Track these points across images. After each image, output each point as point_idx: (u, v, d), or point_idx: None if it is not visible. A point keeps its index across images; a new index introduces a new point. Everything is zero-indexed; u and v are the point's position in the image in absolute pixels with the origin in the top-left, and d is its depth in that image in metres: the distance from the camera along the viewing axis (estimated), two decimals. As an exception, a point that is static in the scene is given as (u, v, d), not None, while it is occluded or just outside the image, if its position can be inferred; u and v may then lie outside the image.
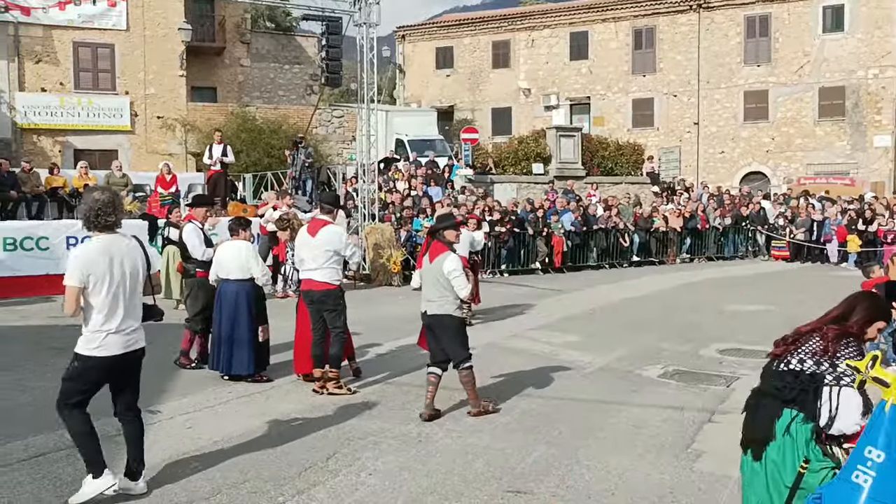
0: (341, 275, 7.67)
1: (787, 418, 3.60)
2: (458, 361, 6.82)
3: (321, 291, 7.46)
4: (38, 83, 23.92)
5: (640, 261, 21.51)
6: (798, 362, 3.67)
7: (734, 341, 10.49)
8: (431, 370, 6.91)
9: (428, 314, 6.87)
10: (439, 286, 6.76)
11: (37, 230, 14.13)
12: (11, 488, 5.10)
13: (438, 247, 6.87)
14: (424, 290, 6.94)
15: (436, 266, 6.79)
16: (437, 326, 6.84)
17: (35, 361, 8.88)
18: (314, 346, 7.62)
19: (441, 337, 6.85)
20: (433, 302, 6.82)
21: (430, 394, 6.82)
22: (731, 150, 33.60)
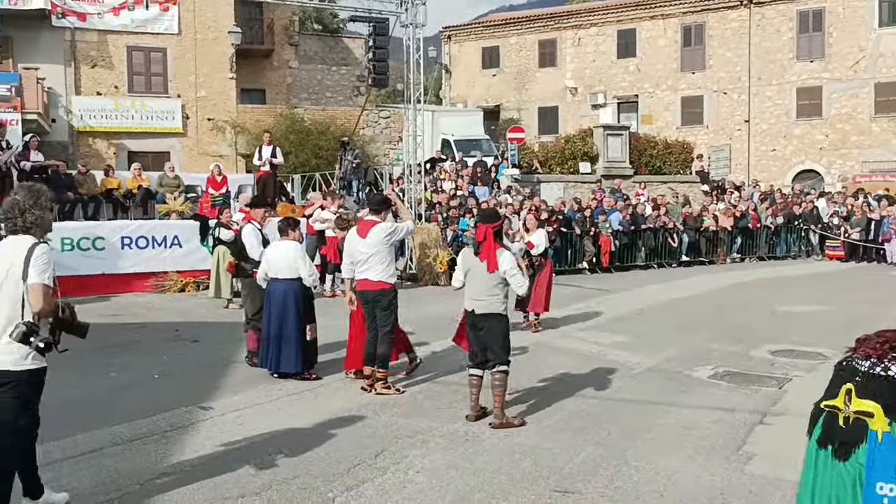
0: (396, 274, 7.69)
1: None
2: (496, 363, 6.63)
3: (376, 291, 7.50)
4: (94, 87, 24.55)
5: (690, 261, 21.23)
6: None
7: (787, 342, 10.29)
8: (473, 372, 6.78)
9: (476, 313, 6.69)
10: (490, 285, 6.62)
11: (93, 230, 14.51)
12: (69, 482, 5.24)
13: (490, 245, 6.63)
14: (472, 288, 6.74)
15: (484, 265, 6.60)
16: (483, 326, 6.67)
17: (93, 359, 9.08)
18: (368, 344, 7.68)
19: (486, 337, 6.67)
20: (481, 301, 6.65)
21: (474, 396, 6.75)
22: (783, 148, 32.96)
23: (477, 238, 6.78)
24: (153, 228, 14.95)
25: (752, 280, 17.73)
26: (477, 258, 6.68)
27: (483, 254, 6.63)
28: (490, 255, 6.58)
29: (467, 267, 6.81)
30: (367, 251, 7.50)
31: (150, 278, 14.56)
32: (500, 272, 6.56)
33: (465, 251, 7.07)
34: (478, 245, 6.71)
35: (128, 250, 14.52)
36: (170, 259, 14.79)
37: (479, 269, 6.66)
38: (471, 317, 6.75)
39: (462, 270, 6.90)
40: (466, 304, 6.80)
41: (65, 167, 17.97)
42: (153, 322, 11.72)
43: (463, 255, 7.04)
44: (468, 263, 6.81)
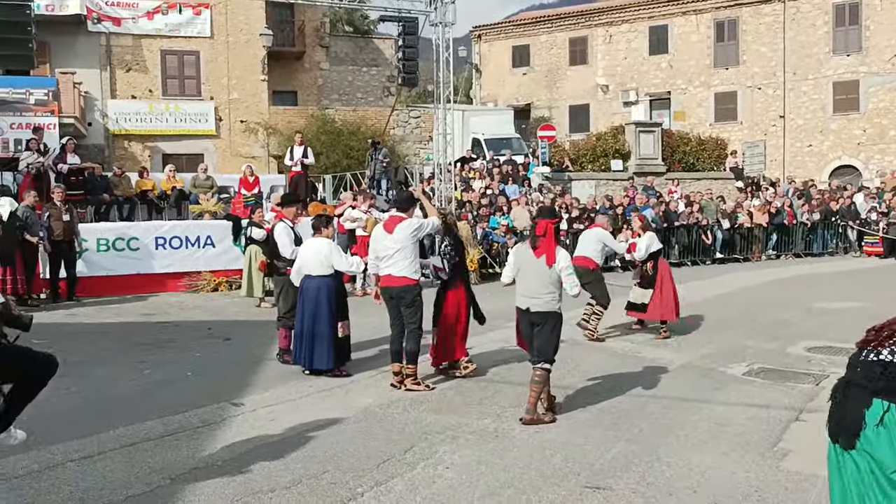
0: (419, 271, 7.68)
1: (878, 409, 3.44)
2: (542, 359, 6.56)
3: (400, 287, 7.49)
4: (129, 91, 24.90)
5: (724, 258, 20.96)
6: (889, 353, 3.50)
7: (824, 339, 10.11)
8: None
9: (531, 311, 6.57)
10: (546, 282, 6.55)
11: (128, 231, 14.70)
12: (104, 475, 5.30)
13: (550, 240, 6.57)
14: (525, 285, 6.62)
15: (543, 260, 6.51)
16: (539, 323, 6.57)
17: (128, 356, 9.23)
18: (393, 341, 7.68)
19: (539, 333, 6.57)
20: (538, 298, 6.53)
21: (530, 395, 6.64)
22: (819, 144, 32.40)
23: (537, 232, 6.66)
24: (187, 229, 15.10)
25: (788, 277, 17.45)
26: (532, 254, 6.58)
27: (541, 248, 6.55)
28: (549, 250, 6.51)
29: (520, 263, 6.69)
30: (394, 246, 7.49)
31: (184, 278, 14.71)
32: (556, 268, 6.48)
33: (519, 247, 6.98)
34: (536, 239, 6.62)
35: (162, 250, 14.69)
36: (203, 259, 14.93)
37: (534, 266, 6.56)
38: (526, 315, 6.64)
39: (514, 267, 6.78)
40: (520, 303, 6.67)
41: (101, 169, 18.24)
42: (186, 321, 11.85)
43: (516, 251, 6.95)
44: (521, 259, 6.70)
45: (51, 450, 5.79)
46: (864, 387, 3.50)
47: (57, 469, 5.42)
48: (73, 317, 12.14)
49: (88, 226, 14.69)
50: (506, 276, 6.97)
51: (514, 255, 6.93)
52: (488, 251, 17.00)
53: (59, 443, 5.94)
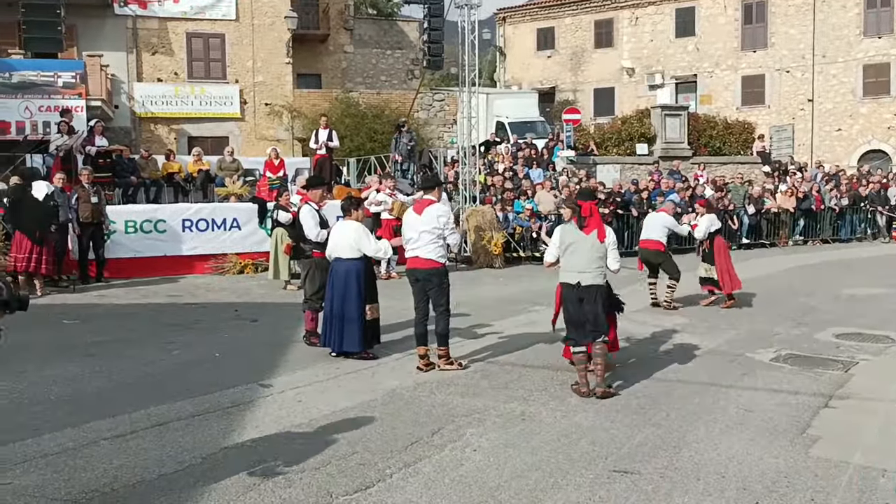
0: (447, 254, 7.69)
1: None
2: (599, 333, 6.88)
3: (426, 269, 7.52)
4: (155, 73, 25.06)
5: (750, 243, 20.79)
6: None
7: (853, 325, 10.02)
8: (579, 350, 6.90)
9: (582, 285, 6.86)
10: (595, 257, 6.88)
11: (155, 213, 14.84)
12: (136, 454, 5.38)
13: (598, 218, 6.98)
14: (575, 261, 6.91)
15: (594, 237, 6.89)
16: (589, 298, 6.87)
17: (156, 337, 9.34)
18: (417, 324, 7.73)
19: (590, 309, 6.86)
20: (587, 273, 6.87)
21: (583, 373, 6.85)
22: (848, 128, 31.93)
23: (583, 213, 6.99)
24: (213, 211, 15.21)
25: (815, 262, 17.29)
26: (581, 232, 6.93)
27: (591, 226, 6.93)
28: (599, 227, 6.96)
29: (568, 242, 6.98)
30: (422, 228, 7.52)
31: (210, 260, 14.84)
32: (606, 244, 6.90)
33: (565, 227, 7.19)
34: (583, 219, 6.97)
35: (188, 233, 14.81)
36: (229, 241, 15.04)
37: (584, 243, 6.90)
38: (575, 290, 6.91)
39: (560, 246, 7.04)
40: (569, 279, 6.95)
41: (128, 152, 18.42)
42: (213, 302, 11.95)
43: (562, 230, 7.15)
44: (569, 238, 6.99)
45: (84, 428, 5.88)
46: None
47: (91, 447, 5.50)
48: (103, 298, 12.29)
49: (116, 208, 14.85)
50: (551, 255, 7.23)
51: (559, 235, 7.13)
52: (512, 235, 16.98)
53: (91, 421, 6.03)
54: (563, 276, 7.03)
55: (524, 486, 4.92)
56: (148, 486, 4.87)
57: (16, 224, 12.30)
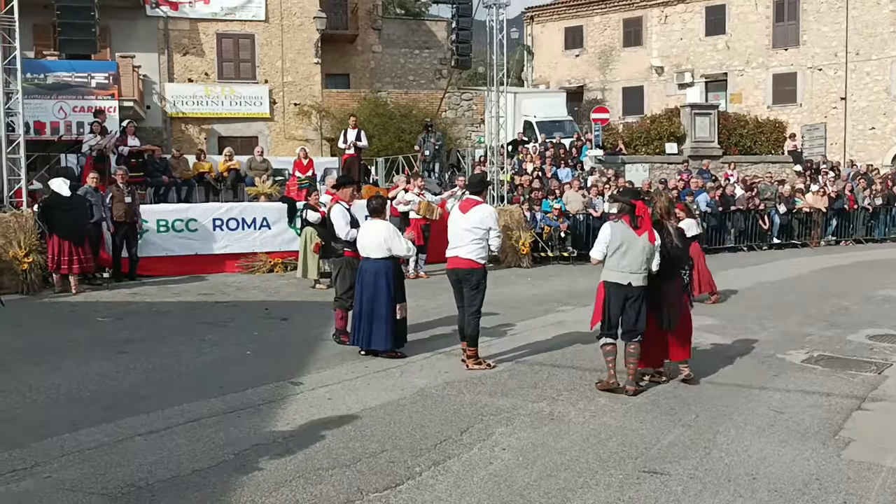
0: (487, 254, 7.72)
1: None
2: (640, 333, 6.93)
3: (466, 269, 7.59)
4: (186, 74, 25.32)
5: (781, 243, 20.58)
6: None
7: (886, 327, 9.90)
8: (609, 341, 7.00)
9: (633, 286, 6.83)
10: (645, 259, 6.82)
11: (186, 212, 15.00)
12: (170, 450, 5.46)
13: (648, 221, 6.89)
14: (627, 262, 6.83)
15: (645, 238, 6.82)
16: (636, 299, 6.87)
17: (188, 335, 9.47)
18: (460, 318, 7.82)
19: (636, 309, 6.89)
20: (638, 274, 6.84)
21: (611, 364, 6.97)
22: (882, 126, 31.43)
23: (637, 212, 6.90)
24: (243, 210, 15.35)
25: (848, 263, 17.07)
26: (634, 233, 6.84)
27: (643, 227, 6.85)
28: (650, 228, 6.87)
29: (620, 241, 6.88)
30: (465, 226, 7.58)
31: (240, 259, 14.98)
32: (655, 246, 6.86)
33: (616, 226, 7.03)
34: (637, 219, 6.88)
35: (219, 232, 14.96)
36: (259, 240, 15.17)
37: (637, 244, 6.82)
38: (623, 290, 6.89)
39: (611, 244, 6.91)
40: (619, 279, 6.89)
41: (160, 152, 18.62)
42: (244, 301, 12.08)
43: (613, 229, 7.01)
44: (621, 238, 6.88)
45: (119, 424, 5.99)
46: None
47: (126, 443, 5.60)
48: (136, 296, 12.46)
49: (148, 207, 15.03)
50: (599, 252, 7.09)
51: (611, 233, 6.98)
52: (540, 235, 16.95)
53: (126, 417, 6.14)
54: (611, 275, 6.93)
55: (553, 485, 4.93)
56: (182, 480, 4.95)
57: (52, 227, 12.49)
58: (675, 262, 7.13)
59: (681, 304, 7.23)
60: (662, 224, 7.10)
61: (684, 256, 7.33)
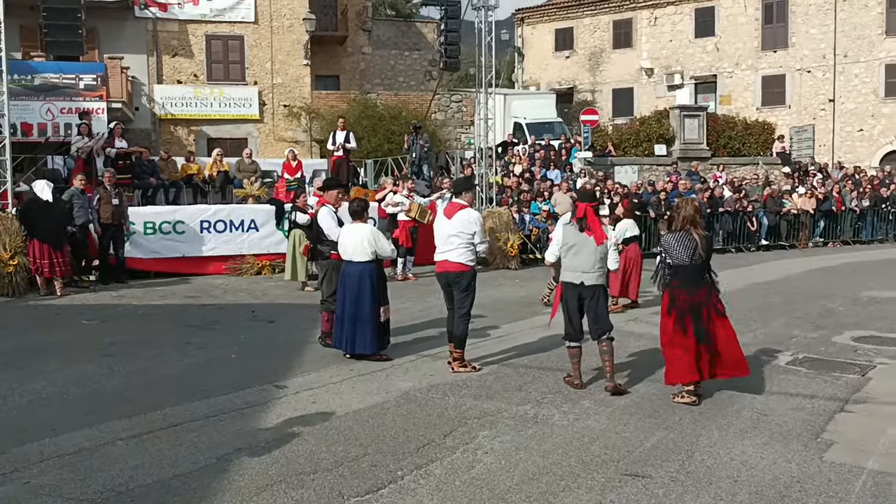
0: (475, 257, 7.74)
1: None
2: (606, 330, 7.04)
3: (456, 272, 7.62)
4: (175, 76, 25.27)
5: (769, 245, 20.65)
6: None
7: (871, 329, 9.94)
8: (573, 344, 7.15)
9: (585, 285, 6.99)
10: (598, 258, 6.98)
11: (174, 215, 14.95)
12: (152, 454, 5.44)
13: (595, 220, 7.04)
14: (578, 262, 7.00)
15: (594, 240, 6.97)
16: (592, 298, 7.02)
17: (173, 337, 9.43)
18: (449, 321, 7.86)
19: (593, 308, 7.03)
20: (591, 273, 6.99)
21: (577, 365, 7.16)
22: (870, 129, 31.61)
23: (577, 214, 7.06)
24: (231, 213, 15.31)
25: (835, 265, 17.15)
26: (583, 234, 7.01)
27: (589, 229, 7.00)
28: (596, 229, 6.99)
29: (571, 242, 7.05)
30: (451, 231, 7.61)
31: (228, 261, 14.94)
32: (605, 245, 6.99)
33: (567, 228, 7.19)
34: (581, 221, 7.03)
35: (207, 234, 14.92)
36: (247, 242, 15.14)
37: (585, 244, 6.98)
38: (577, 289, 7.03)
39: (563, 245, 7.13)
40: (571, 278, 7.06)
41: (147, 154, 18.56)
42: (231, 303, 12.04)
43: (564, 231, 7.19)
44: (572, 239, 7.07)
45: (101, 428, 5.96)
46: None
47: (107, 447, 5.57)
48: (121, 298, 12.41)
49: (136, 209, 14.97)
50: (552, 254, 7.36)
51: (562, 234, 7.20)
52: (528, 237, 16.96)
53: (108, 421, 6.11)
54: (566, 275, 7.13)
55: (535, 489, 4.93)
56: (163, 485, 4.92)
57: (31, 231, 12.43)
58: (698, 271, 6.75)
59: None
60: (689, 232, 6.71)
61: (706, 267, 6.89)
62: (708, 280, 6.85)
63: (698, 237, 6.70)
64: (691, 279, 6.70)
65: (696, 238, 6.69)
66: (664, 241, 6.95)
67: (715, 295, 6.88)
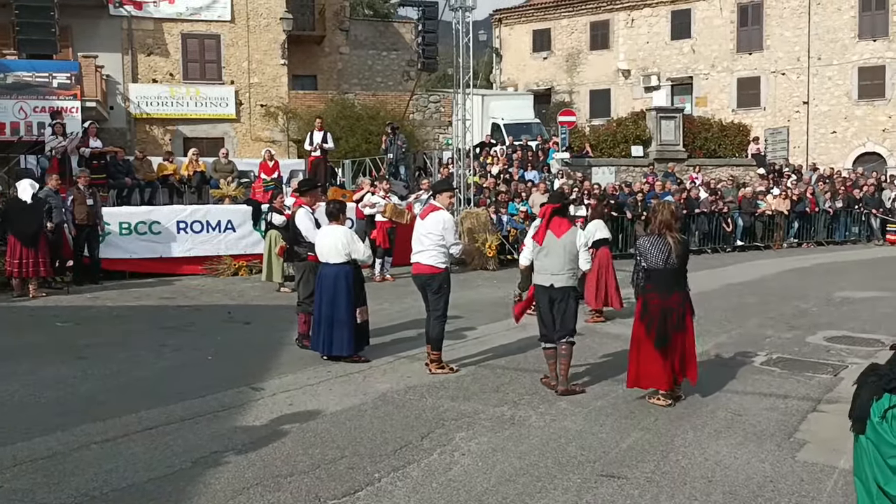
0: (448, 259, 7.74)
1: (885, 403, 3.52)
2: (567, 333, 7.05)
3: (427, 274, 7.64)
4: (150, 74, 25.02)
5: (745, 245, 20.85)
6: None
7: (844, 329, 10.07)
8: (549, 345, 7.16)
9: (555, 287, 7.01)
10: (568, 260, 7.00)
11: (149, 215, 14.83)
12: (126, 458, 5.40)
13: (564, 222, 7.07)
14: (547, 264, 7.03)
15: (566, 240, 6.99)
16: (561, 300, 7.04)
17: (149, 339, 9.36)
18: (427, 322, 7.87)
19: (562, 310, 7.04)
20: (560, 275, 7.00)
21: (553, 365, 7.16)
22: (843, 131, 31.99)
23: (539, 215, 7.22)
24: (207, 213, 15.21)
25: (809, 265, 17.34)
26: (553, 236, 7.04)
27: (553, 229, 7.04)
28: (558, 228, 7.04)
29: (543, 244, 7.09)
30: (424, 232, 7.63)
31: (204, 262, 14.84)
32: (576, 246, 7.02)
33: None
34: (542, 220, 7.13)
35: (183, 234, 14.81)
36: (223, 243, 15.05)
37: (556, 246, 7.01)
38: (548, 291, 7.06)
39: (535, 248, 7.18)
40: (542, 280, 7.09)
41: (122, 153, 18.38)
42: (207, 304, 11.96)
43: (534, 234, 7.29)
44: (545, 241, 7.09)
45: (74, 432, 5.90)
46: (880, 377, 3.60)
47: (81, 451, 5.52)
48: (95, 300, 12.29)
49: (111, 209, 14.83)
50: (525, 258, 7.49)
51: (531, 238, 7.30)
52: (506, 237, 17.00)
53: (82, 425, 6.05)
54: (537, 277, 7.18)
55: (511, 490, 4.95)
56: (137, 489, 4.89)
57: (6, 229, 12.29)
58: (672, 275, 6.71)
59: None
60: (664, 237, 6.69)
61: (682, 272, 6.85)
62: (683, 286, 6.82)
63: (673, 241, 6.68)
64: (665, 283, 6.69)
65: (671, 242, 6.68)
66: (639, 244, 6.93)
67: (688, 304, 6.82)
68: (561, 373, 7.06)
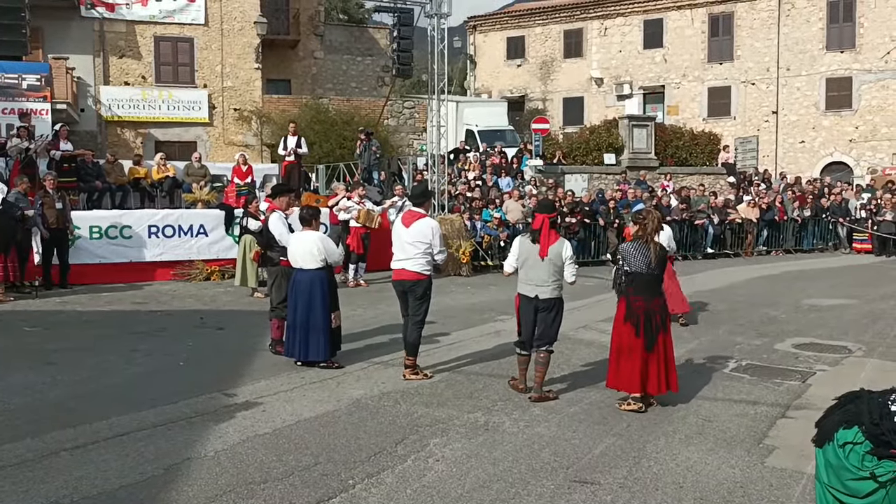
0: (432, 266, 7.76)
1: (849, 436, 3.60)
2: (545, 343, 7.10)
3: (412, 281, 7.63)
4: (122, 77, 24.80)
5: (715, 253, 21.09)
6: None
7: (812, 336, 10.23)
8: (523, 352, 7.27)
9: (540, 298, 7.02)
10: (553, 272, 7.00)
11: (120, 219, 14.67)
12: (97, 465, 5.34)
13: (553, 233, 7.06)
14: (533, 275, 7.04)
15: (552, 252, 6.98)
16: (547, 310, 7.05)
17: (119, 345, 9.25)
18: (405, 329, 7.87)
19: (546, 320, 7.07)
20: (546, 286, 7.01)
21: (523, 372, 7.27)
22: (811, 140, 32.54)
23: (533, 226, 7.16)
24: (179, 217, 15.08)
25: (777, 273, 17.58)
26: (536, 246, 7.04)
27: (541, 242, 7.03)
28: (546, 243, 7.01)
29: (525, 255, 7.12)
30: (408, 240, 7.61)
31: (176, 267, 14.72)
32: (562, 258, 6.99)
33: (522, 239, 7.32)
34: (535, 233, 7.09)
35: (154, 239, 14.67)
36: (196, 248, 14.92)
37: (538, 257, 7.02)
38: (533, 302, 7.07)
39: (518, 258, 7.21)
40: (526, 291, 7.11)
41: (92, 156, 18.17)
42: (179, 310, 11.86)
43: (520, 242, 7.30)
44: (526, 252, 7.13)
45: (44, 438, 5.83)
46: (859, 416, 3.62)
47: (51, 458, 5.45)
48: (65, 305, 12.14)
49: (81, 213, 14.65)
50: (508, 265, 7.45)
51: (517, 246, 7.30)
52: (480, 244, 17.05)
53: (52, 431, 5.98)
54: (522, 287, 7.19)
55: (485, 496, 4.97)
56: (109, 497, 4.84)
57: None
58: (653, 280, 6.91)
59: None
60: (647, 243, 6.88)
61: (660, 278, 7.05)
62: (661, 291, 7.04)
63: (654, 248, 6.89)
64: (648, 288, 6.88)
65: (652, 249, 6.89)
66: (623, 249, 7.14)
67: (666, 308, 7.08)
68: (536, 380, 7.10)
